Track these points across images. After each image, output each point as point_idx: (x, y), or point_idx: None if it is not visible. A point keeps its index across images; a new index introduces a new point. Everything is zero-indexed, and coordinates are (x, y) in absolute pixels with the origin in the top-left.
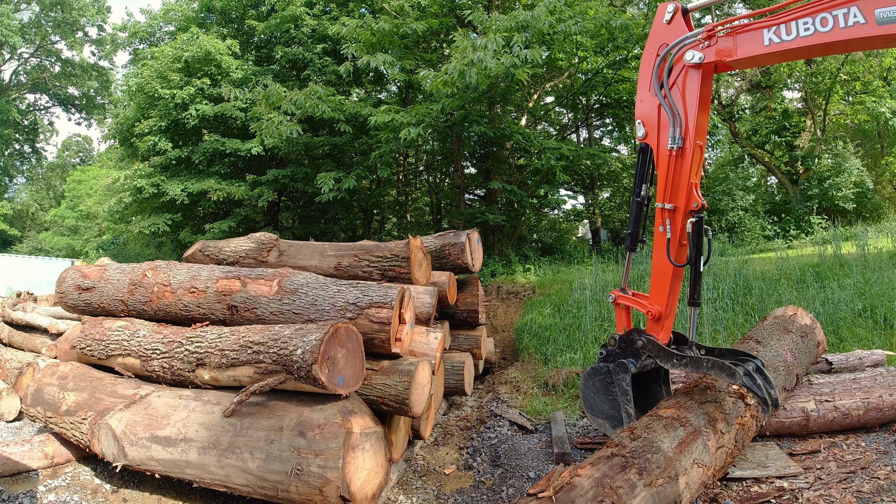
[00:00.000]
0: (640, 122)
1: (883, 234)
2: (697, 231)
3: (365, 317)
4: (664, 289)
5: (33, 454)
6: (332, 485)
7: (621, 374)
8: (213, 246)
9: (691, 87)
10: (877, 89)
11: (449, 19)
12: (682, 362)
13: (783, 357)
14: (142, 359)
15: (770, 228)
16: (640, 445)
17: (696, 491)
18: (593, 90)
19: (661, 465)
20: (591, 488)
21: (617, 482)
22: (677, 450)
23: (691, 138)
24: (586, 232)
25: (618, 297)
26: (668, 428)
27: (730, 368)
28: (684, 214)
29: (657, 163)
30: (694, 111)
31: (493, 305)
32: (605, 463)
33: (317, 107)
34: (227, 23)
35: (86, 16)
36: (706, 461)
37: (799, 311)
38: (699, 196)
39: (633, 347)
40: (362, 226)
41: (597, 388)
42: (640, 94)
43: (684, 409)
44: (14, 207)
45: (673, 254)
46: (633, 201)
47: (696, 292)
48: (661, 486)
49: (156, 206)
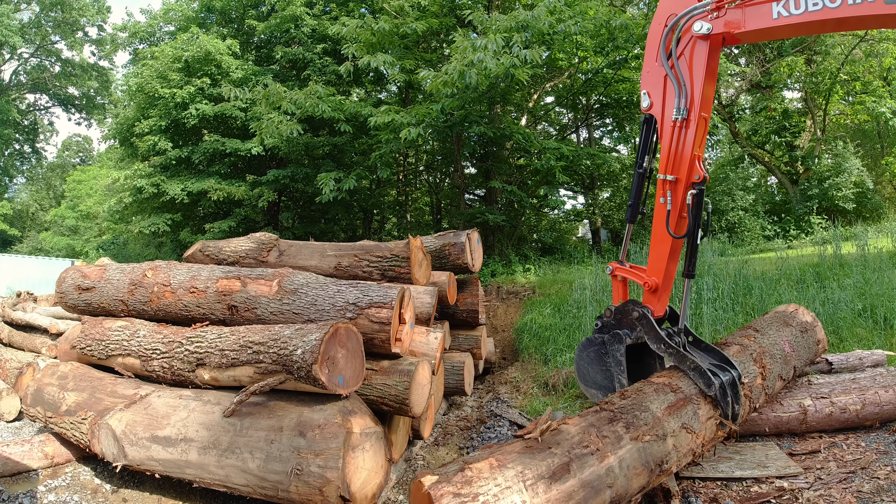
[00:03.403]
0: (646, 92)
1: (883, 234)
2: (697, 203)
3: (365, 317)
4: (662, 261)
5: (33, 454)
6: (332, 485)
7: (616, 345)
8: (213, 246)
9: (698, 59)
10: (877, 89)
11: (449, 19)
12: (667, 350)
13: (781, 347)
14: (142, 359)
15: (770, 228)
16: (629, 403)
17: (684, 456)
18: (593, 90)
19: (648, 422)
20: (577, 434)
21: (604, 432)
22: (666, 412)
23: (696, 110)
24: (586, 232)
25: (615, 268)
26: (659, 392)
27: (708, 377)
28: (686, 186)
29: (661, 134)
30: (700, 82)
31: (493, 305)
32: (594, 415)
33: (317, 107)
34: (227, 23)
35: (86, 16)
36: (695, 427)
37: (801, 308)
38: (701, 168)
39: (628, 318)
40: (362, 226)
41: (591, 359)
42: (646, 64)
43: (676, 379)
44: (14, 207)
45: (672, 226)
46: (636, 172)
47: (692, 264)
48: (648, 443)
49: (156, 206)
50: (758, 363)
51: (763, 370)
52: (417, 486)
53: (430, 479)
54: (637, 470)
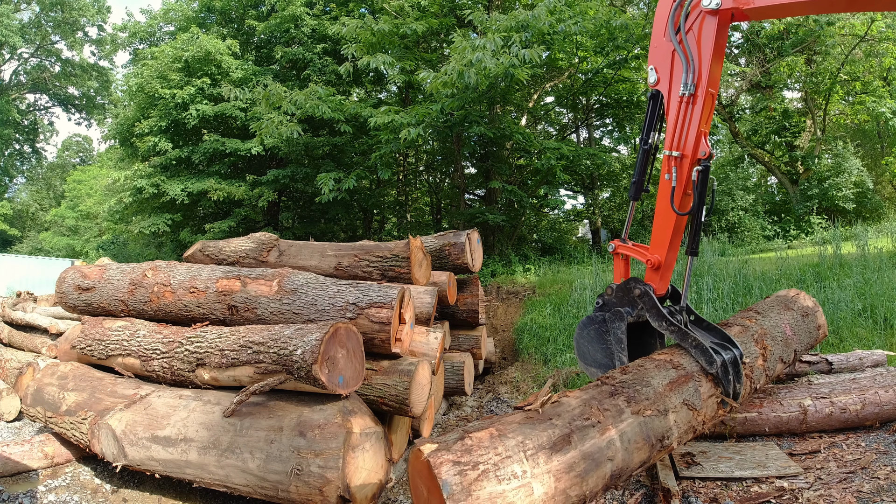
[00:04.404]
0: (653, 67)
1: (883, 234)
2: (703, 180)
3: (365, 317)
4: (665, 238)
5: (33, 454)
6: (332, 485)
7: (617, 323)
8: (213, 246)
9: (707, 34)
10: (877, 89)
11: (449, 19)
12: (669, 328)
13: (782, 329)
14: (142, 359)
15: (770, 228)
16: (630, 378)
17: (685, 433)
18: (593, 90)
19: (650, 397)
20: (577, 406)
21: (605, 405)
22: (668, 387)
23: (704, 85)
24: (586, 232)
25: (617, 246)
26: (661, 368)
27: (710, 355)
28: (692, 163)
29: (667, 109)
30: (708, 58)
31: (493, 305)
32: (595, 389)
33: (317, 107)
34: (227, 23)
35: (86, 16)
36: (696, 404)
37: (802, 293)
38: (707, 145)
39: (630, 296)
40: (362, 226)
41: (591, 337)
42: (654, 40)
43: (678, 356)
44: (14, 207)
45: (677, 202)
46: (641, 149)
47: (696, 242)
48: (649, 417)
49: (156, 206)
50: (759, 344)
51: (764, 351)
52: (416, 455)
53: (430, 447)
54: (638, 444)
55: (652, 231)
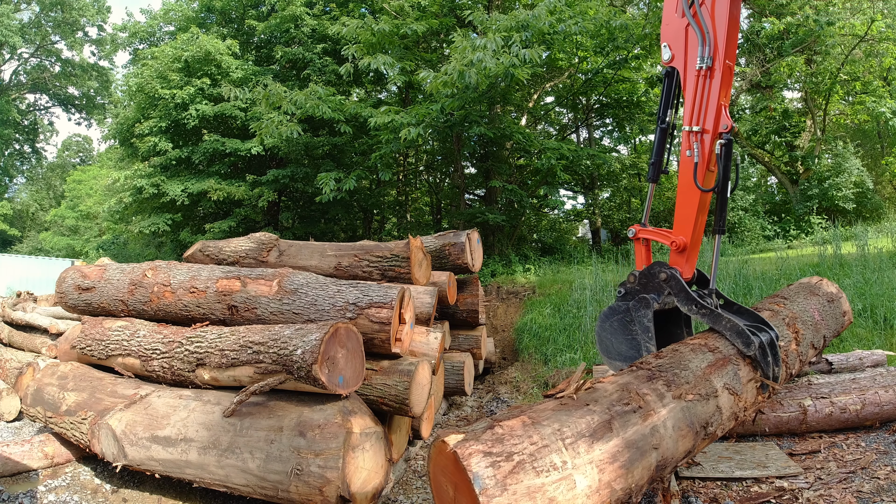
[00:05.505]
0: (666, 45)
1: (883, 234)
2: (727, 154)
3: (365, 317)
4: (690, 218)
5: (33, 454)
6: (332, 485)
7: (642, 311)
8: (213, 246)
9: (721, 5)
10: (877, 89)
11: (449, 19)
12: (700, 311)
13: (811, 314)
14: (142, 359)
15: (770, 228)
16: (666, 362)
17: (727, 420)
18: (593, 90)
19: (690, 381)
20: (614, 392)
21: (643, 389)
22: (707, 370)
23: (721, 57)
24: (586, 232)
25: (638, 230)
26: (696, 352)
27: (747, 336)
28: (714, 137)
29: (684, 85)
30: (724, 29)
31: (493, 305)
32: (630, 374)
33: (317, 107)
34: (227, 23)
35: (86, 16)
36: (737, 389)
37: (824, 280)
38: (728, 118)
39: (655, 282)
40: (362, 226)
41: (614, 329)
42: (665, 17)
43: (713, 340)
44: (14, 207)
45: (700, 178)
46: (658, 128)
47: (722, 219)
48: (692, 402)
49: (156, 206)
50: (791, 328)
51: (797, 335)
52: (440, 448)
53: (456, 438)
54: (682, 431)
55: (675, 212)
